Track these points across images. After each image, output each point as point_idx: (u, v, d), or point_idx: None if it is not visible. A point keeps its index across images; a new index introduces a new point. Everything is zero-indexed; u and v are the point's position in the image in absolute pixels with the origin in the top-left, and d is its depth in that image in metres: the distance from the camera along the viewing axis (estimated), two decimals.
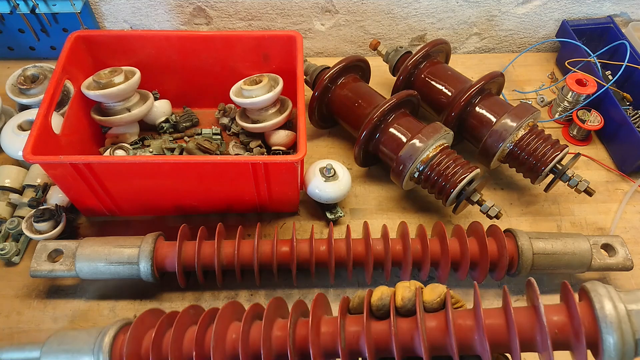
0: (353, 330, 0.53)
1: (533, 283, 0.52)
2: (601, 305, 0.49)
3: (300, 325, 0.55)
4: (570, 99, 1.00)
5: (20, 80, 0.91)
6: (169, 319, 0.61)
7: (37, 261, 0.73)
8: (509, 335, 0.50)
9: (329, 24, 1.13)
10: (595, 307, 0.49)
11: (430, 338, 0.50)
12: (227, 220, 0.86)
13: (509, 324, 0.50)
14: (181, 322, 0.59)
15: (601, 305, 0.49)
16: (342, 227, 0.87)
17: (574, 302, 0.50)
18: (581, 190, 0.83)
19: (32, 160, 0.69)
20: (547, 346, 0.48)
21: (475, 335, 0.50)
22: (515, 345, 0.49)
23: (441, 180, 0.80)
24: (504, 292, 0.53)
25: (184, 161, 0.74)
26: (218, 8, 1.08)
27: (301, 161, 0.73)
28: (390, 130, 0.85)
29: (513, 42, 1.20)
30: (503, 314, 0.51)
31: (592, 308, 0.49)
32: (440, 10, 1.11)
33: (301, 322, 0.56)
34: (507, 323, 0.50)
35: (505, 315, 0.51)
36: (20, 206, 0.83)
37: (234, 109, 0.99)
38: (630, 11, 1.14)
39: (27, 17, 1.02)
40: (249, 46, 0.89)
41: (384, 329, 0.52)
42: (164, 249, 0.73)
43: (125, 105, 0.88)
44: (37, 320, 0.75)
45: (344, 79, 0.93)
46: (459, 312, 0.52)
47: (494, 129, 0.84)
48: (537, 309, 0.50)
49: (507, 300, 0.51)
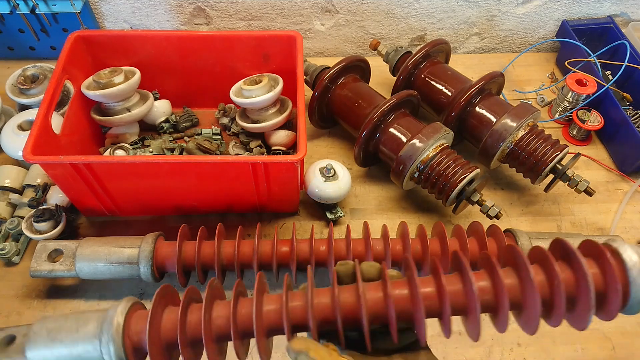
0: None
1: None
2: (629, 257, 0.49)
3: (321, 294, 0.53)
4: (570, 99, 1.00)
5: (20, 80, 0.91)
6: (188, 296, 0.54)
7: (37, 261, 0.73)
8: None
9: (329, 24, 1.13)
10: (623, 258, 0.49)
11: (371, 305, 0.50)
12: (227, 220, 0.86)
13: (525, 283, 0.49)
14: (210, 298, 0.53)
15: (629, 257, 0.49)
16: (342, 227, 0.87)
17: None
18: (581, 190, 0.83)
19: (32, 160, 0.69)
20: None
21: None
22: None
23: (441, 180, 0.80)
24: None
25: (184, 161, 0.74)
26: (218, 8, 1.08)
27: (301, 161, 0.73)
28: (390, 130, 0.85)
29: (513, 42, 1.20)
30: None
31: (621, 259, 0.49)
32: (440, 10, 1.11)
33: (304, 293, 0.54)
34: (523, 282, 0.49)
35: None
36: (20, 206, 0.83)
37: (234, 109, 0.99)
38: (630, 11, 1.14)
39: (27, 17, 1.02)
40: (249, 46, 0.89)
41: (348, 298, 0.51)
42: (164, 249, 0.73)
43: (125, 105, 0.88)
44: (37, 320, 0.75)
45: (344, 79, 0.93)
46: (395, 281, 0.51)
47: (494, 129, 0.84)
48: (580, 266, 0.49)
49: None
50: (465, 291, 0.50)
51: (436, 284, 0.50)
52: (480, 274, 0.52)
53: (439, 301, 0.49)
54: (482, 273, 0.52)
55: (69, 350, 0.51)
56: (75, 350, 0.51)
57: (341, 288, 0.51)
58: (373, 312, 0.49)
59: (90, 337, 0.51)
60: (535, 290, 0.48)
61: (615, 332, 0.76)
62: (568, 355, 0.74)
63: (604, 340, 0.75)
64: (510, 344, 0.74)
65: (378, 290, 0.50)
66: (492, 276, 0.51)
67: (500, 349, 0.74)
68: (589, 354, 0.74)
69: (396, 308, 0.48)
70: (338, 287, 0.51)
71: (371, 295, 0.50)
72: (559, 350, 0.74)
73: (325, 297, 0.51)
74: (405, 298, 0.49)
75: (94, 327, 0.51)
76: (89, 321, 0.52)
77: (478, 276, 0.51)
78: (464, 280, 0.50)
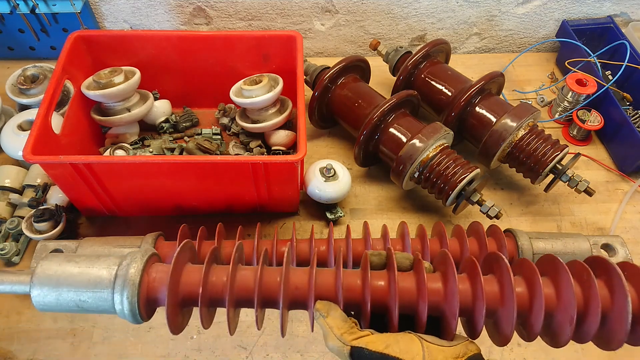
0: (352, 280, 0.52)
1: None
2: None
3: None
4: (570, 99, 1.00)
5: (20, 80, 0.91)
6: (211, 255, 0.52)
7: (37, 261, 0.73)
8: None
9: (329, 24, 1.13)
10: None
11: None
12: (227, 220, 0.86)
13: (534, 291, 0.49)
14: (235, 262, 0.51)
15: None
16: (342, 227, 0.87)
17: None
18: (581, 190, 0.83)
19: (32, 160, 0.69)
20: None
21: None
22: None
23: (441, 181, 0.80)
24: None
25: (183, 161, 0.74)
26: (218, 8, 1.08)
27: (301, 161, 0.73)
28: (390, 130, 0.85)
29: (513, 42, 1.20)
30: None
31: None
32: (440, 10, 1.11)
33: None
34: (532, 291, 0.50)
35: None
36: (20, 206, 0.83)
37: (234, 109, 0.99)
38: (630, 11, 1.14)
39: (27, 17, 1.02)
40: (249, 46, 0.89)
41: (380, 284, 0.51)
42: (164, 249, 0.73)
43: (125, 105, 0.88)
44: (37, 320, 0.75)
45: (344, 79, 0.93)
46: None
47: (494, 129, 0.84)
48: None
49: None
50: (502, 294, 0.49)
51: (472, 283, 0.50)
52: (518, 280, 0.51)
53: (472, 300, 0.49)
54: (519, 279, 0.51)
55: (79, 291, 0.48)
56: (86, 295, 0.48)
57: (373, 273, 0.51)
58: (404, 300, 0.49)
59: (104, 284, 0.48)
60: (573, 303, 0.47)
61: None
62: (568, 355, 0.74)
63: None
64: (510, 344, 0.74)
65: (411, 281, 0.50)
66: (530, 283, 0.50)
67: (500, 348, 0.74)
68: (589, 354, 0.74)
69: (428, 301, 0.48)
70: (370, 272, 0.50)
71: (404, 284, 0.50)
72: (559, 350, 0.73)
73: (356, 278, 0.51)
74: (438, 292, 0.49)
75: (107, 270, 0.49)
76: (102, 262, 0.50)
77: (517, 282, 0.50)
78: (501, 283, 0.50)
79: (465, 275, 0.51)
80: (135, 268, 0.49)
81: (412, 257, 0.52)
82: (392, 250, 0.52)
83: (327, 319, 0.47)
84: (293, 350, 0.74)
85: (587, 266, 0.50)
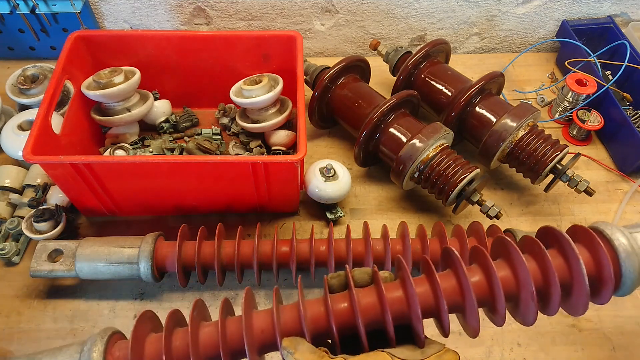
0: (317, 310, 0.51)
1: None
2: (617, 240, 0.49)
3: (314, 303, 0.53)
4: (570, 99, 1.00)
5: (20, 80, 0.91)
6: (170, 320, 0.54)
7: (37, 261, 0.73)
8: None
9: (329, 24, 1.13)
10: (611, 240, 0.49)
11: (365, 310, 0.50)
12: (227, 220, 0.86)
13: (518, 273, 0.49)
14: (195, 321, 0.52)
15: (617, 240, 0.49)
16: (342, 227, 0.87)
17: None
18: (581, 190, 0.83)
19: (32, 160, 0.69)
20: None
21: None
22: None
23: (441, 180, 0.80)
24: None
25: (183, 161, 0.74)
26: (218, 8, 1.08)
27: (301, 161, 0.73)
28: (390, 130, 0.85)
29: (513, 42, 1.20)
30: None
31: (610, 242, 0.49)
32: (440, 10, 1.11)
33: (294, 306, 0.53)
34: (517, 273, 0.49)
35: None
36: (20, 206, 0.83)
37: (234, 109, 0.99)
38: (630, 11, 1.14)
39: (27, 17, 1.02)
40: (249, 46, 0.89)
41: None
42: (164, 249, 0.73)
43: (125, 105, 0.88)
44: (37, 320, 0.75)
45: (344, 79, 0.93)
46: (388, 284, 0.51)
47: (494, 129, 0.84)
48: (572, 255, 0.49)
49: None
50: (460, 287, 0.49)
51: (430, 282, 0.50)
52: (473, 268, 0.51)
53: (434, 299, 0.49)
54: (475, 267, 0.51)
55: None
56: None
57: (333, 297, 0.50)
58: (368, 317, 0.49)
59: None
60: (529, 280, 0.48)
61: (615, 332, 0.76)
62: (568, 355, 0.74)
63: (604, 340, 0.75)
64: (510, 344, 0.74)
65: (372, 295, 0.50)
66: (485, 270, 0.50)
67: (500, 349, 0.74)
68: (589, 354, 0.74)
69: (392, 310, 0.48)
70: (330, 296, 0.50)
71: (365, 300, 0.49)
72: (559, 350, 0.74)
73: (319, 307, 0.50)
74: (400, 300, 0.49)
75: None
76: (64, 353, 0.50)
77: (471, 271, 0.51)
78: (457, 276, 0.50)
79: (423, 277, 0.51)
80: (97, 351, 0.49)
81: (370, 270, 0.52)
82: (349, 268, 0.52)
83: (296, 354, 0.47)
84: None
85: (537, 239, 0.50)
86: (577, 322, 0.77)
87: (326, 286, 0.51)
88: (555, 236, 0.51)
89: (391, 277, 0.52)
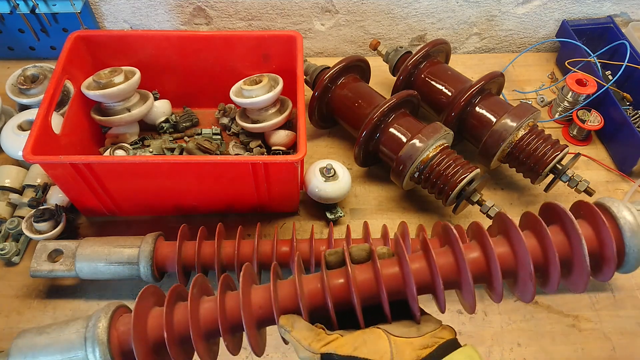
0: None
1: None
2: (622, 215, 0.48)
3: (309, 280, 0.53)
4: (570, 99, 1.00)
5: (20, 80, 0.91)
6: (172, 294, 0.54)
7: (37, 261, 0.73)
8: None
9: (329, 24, 1.13)
10: (616, 217, 0.48)
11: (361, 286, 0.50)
12: (227, 220, 0.86)
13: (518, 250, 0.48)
14: (196, 294, 0.53)
15: (622, 215, 0.48)
16: (342, 227, 0.87)
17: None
18: (581, 190, 0.83)
19: (32, 160, 0.69)
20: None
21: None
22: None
23: (441, 181, 0.80)
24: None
25: (183, 161, 0.74)
26: (218, 8, 1.08)
27: (301, 161, 0.73)
28: (390, 130, 0.85)
29: (513, 42, 1.20)
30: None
31: (614, 218, 0.48)
32: (440, 10, 1.11)
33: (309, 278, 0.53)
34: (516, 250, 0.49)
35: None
36: (20, 206, 0.83)
37: (234, 109, 0.99)
38: (630, 11, 1.14)
39: (27, 17, 1.02)
40: (249, 46, 0.89)
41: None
42: (164, 249, 0.73)
43: (125, 105, 0.88)
44: (37, 320, 0.75)
45: (344, 79, 0.93)
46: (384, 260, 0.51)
47: (494, 129, 0.84)
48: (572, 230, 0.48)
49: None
50: (457, 263, 0.49)
51: (427, 259, 0.50)
52: (471, 245, 0.51)
53: (430, 276, 0.49)
54: (473, 244, 0.51)
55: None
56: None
57: (330, 272, 0.51)
58: (364, 293, 0.49)
59: (74, 347, 0.49)
60: (528, 259, 0.47)
61: (615, 332, 0.76)
62: (568, 355, 0.74)
63: (604, 340, 0.75)
64: (510, 344, 0.74)
65: (368, 271, 0.50)
66: (483, 246, 0.50)
67: (500, 348, 0.74)
68: (589, 354, 0.74)
69: (387, 287, 0.48)
70: (327, 272, 0.50)
71: (362, 276, 0.49)
72: (559, 350, 0.74)
73: (315, 283, 0.50)
74: (396, 276, 0.49)
75: (77, 334, 0.50)
76: (71, 327, 0.51)
77: (469, 247, 0.50)
78: (454, 253, 0.49)
79: (420, 253, 0.51)
80: (102, 326, 0.50)
81: (368, 247, 0.52)
82: (346, 246, 0.52)
83: (293, 332, 0.47)
84: (293, 350, 0.74)
85: (539, 217, 0.50)
86: (577, 322, 0.77)
87: (323, 262, 0.52)
88: (557, 213, 0.50)
89: (389, 253, 0.52)
